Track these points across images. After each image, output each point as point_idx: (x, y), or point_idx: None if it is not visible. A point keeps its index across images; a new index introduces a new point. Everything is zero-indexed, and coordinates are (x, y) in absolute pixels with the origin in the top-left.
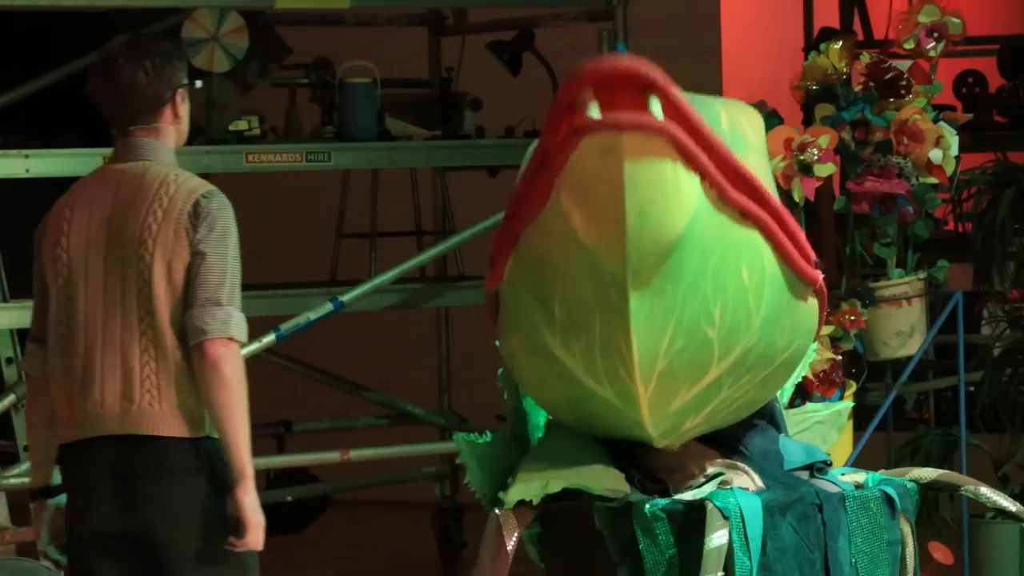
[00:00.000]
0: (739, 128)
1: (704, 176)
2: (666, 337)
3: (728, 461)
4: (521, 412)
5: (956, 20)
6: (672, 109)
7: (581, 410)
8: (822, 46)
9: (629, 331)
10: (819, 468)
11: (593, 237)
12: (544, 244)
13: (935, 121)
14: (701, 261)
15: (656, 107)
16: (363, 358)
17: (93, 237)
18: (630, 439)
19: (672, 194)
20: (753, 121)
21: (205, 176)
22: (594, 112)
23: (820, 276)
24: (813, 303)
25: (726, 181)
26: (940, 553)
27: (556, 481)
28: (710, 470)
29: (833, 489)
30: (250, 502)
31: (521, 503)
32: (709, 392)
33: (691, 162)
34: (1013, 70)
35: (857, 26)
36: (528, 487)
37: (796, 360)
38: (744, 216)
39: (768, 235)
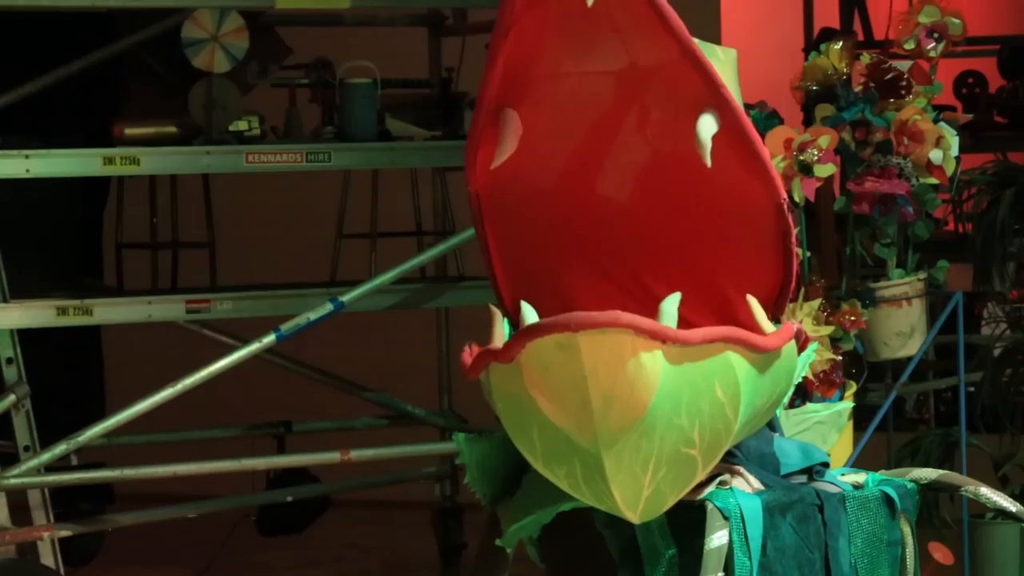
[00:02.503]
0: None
1: (666, 341)
2: (648, 475)
3: (724, 465)
4: None
5: (956, 20)
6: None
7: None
8: (822, 46)
9: (608, 486)
10: (817, 471)
11: (563, 420)
12: (516, 392)
13: (935, 121)
14: (673, 406)
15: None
16: (363, 358)
17: None
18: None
19: (635, 376)
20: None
21: (205, 177)
22: (531, 315)
23: (792, 329)
24: (790, 348)
25: (686, 338)
26: (940, 553)
27: (552, 509)
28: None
29: (833, 490)
30: None
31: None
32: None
33: (652, 336)
34: (1013, 70)
35: (857, 26)
36: (524, 527)
37: (781, 398)
38: (710, 343)
39: (735, 342)
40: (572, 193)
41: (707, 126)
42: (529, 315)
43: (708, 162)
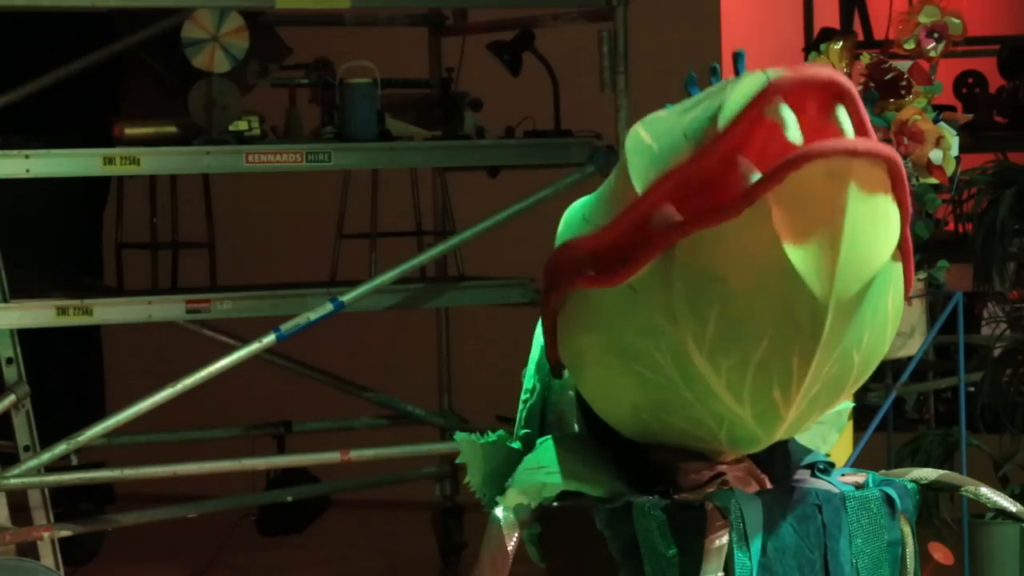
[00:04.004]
0: None
1: (901, 208)
2: (830, 362)
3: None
4: (536, 416)
5: (956, 20)
6: (858, 121)
7: (660, 418)
8: (822, 46)
9: (812, 356)
10: (822, 468)
11: (801, 259)
12: (720, 259)
13: (935, 121)
14: (879, 284)
15: (844, 116)
16: (363, 358)
17: None
18: (702, 448)
19: (883, 225)
20: None
21: (205, 177)
22: (793, 132)
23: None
24: None
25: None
26: (940, 553)
27: (553, 484)
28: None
29: (833, 490)
30: None
31: (520, 504)
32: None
33: (898, 192)
34: (1013, 70)
35: (857, 26)
36: (526, 491)
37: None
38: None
39: (907, 262)
40: None
41: None
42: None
43: None
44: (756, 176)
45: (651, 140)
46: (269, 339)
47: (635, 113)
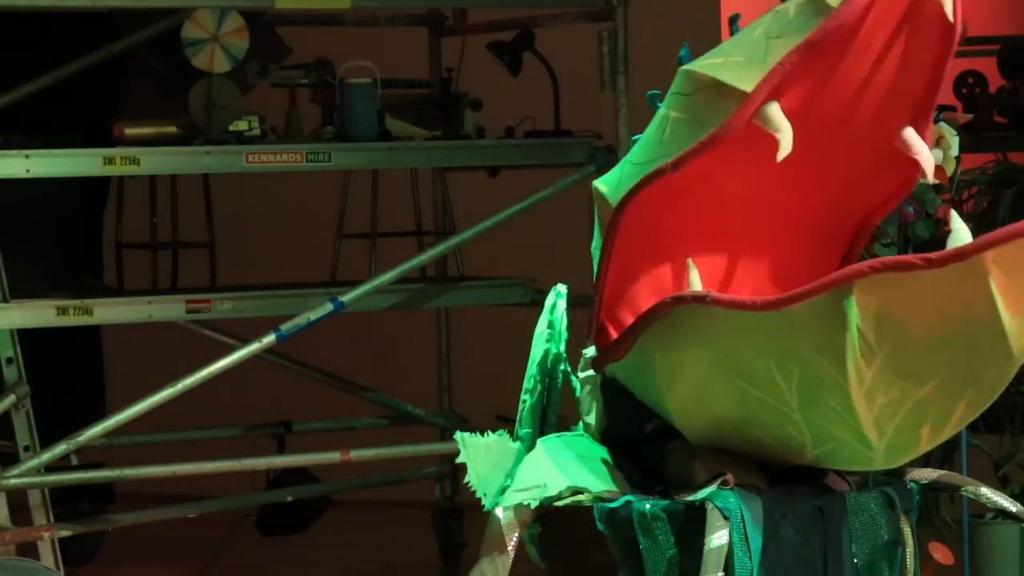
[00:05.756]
0: None
1: None
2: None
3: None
4: (537, 416)
5: None
6: None
7: (743, 432)
8: None
9: (983, 406)
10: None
11: (1012, 322)
12: (906, 303)
13: (935, 122)
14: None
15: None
16: (363, 358)
17: None
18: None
19: None
20: None
21: (205, 177)
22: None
23: None
24: None
25: None
26: (940, 553)
27: (554, 484)
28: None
29: (834, 489)
30: None
31: (520, 504)
32: None
33: None
34: (1013, 71)
35: None
36: (526, 491)
37: None
38: None
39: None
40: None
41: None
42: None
43: None
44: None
45: (724, 59)
46: (269, 339)
47: (635, 113)
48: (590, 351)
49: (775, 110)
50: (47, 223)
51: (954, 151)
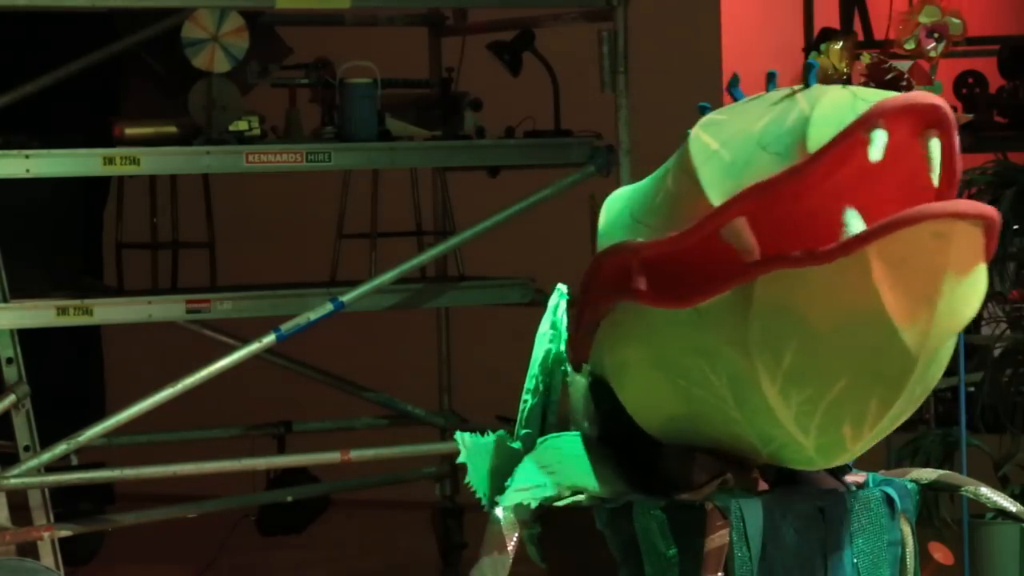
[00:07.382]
0: None
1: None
2: (904, 403)
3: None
4: (537, 416)
5: (957, 20)
6: (949, 152)
7: (696, 428)
8: (822, 46)
9: (892, 402)
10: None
11: (899, 314)
12: (804, 298)
13: None
14: (950, 343)
15: (935, 146)
16: (363, 358)
17: None
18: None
19: (975, 283)
20: None
21: (205, 177)
22: (877, 152)
23: None
24: None
25: None
26: (940, 553)
27: (554, 484)
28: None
29: (834, 489)
30: None
31: (520, 504)
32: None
33: (990, 249)
34: (1013, 70)
35: (857, 26)
36: (526, 491)
37: None
38: None
39: None
40: None
41: None
42: (854, 223)
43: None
44: (852, 216)
45: (718, 146)
46: (269, 339)
47: (635, 113)
48: None
49: (741, 227)
50: (47, 223)
51: None
